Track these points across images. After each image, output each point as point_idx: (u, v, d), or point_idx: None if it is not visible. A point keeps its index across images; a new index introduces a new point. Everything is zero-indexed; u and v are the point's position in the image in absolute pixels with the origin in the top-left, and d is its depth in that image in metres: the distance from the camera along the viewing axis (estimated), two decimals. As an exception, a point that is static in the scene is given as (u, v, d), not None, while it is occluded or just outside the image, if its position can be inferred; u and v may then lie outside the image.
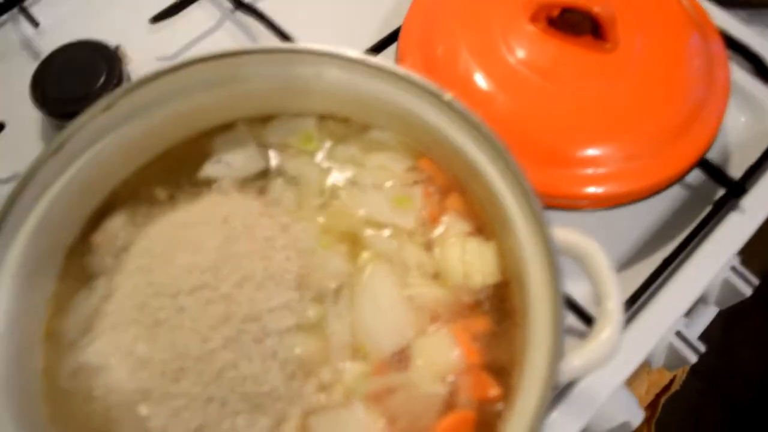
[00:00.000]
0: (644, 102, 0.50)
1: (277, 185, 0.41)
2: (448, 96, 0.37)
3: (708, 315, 0.69)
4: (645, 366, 0.63)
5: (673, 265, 0.50)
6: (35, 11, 0.62)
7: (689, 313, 0.69)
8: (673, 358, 0.58)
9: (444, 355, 0.36)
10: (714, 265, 0.51)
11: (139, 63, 0.59)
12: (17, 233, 0.36)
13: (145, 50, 0.59)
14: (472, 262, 0.38)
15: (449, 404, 0.35)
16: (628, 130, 0.49)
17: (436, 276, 0.38)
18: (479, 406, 0.35)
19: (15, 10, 0.63)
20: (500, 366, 0.36)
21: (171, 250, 0.39)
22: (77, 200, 0.39)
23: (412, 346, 0.36)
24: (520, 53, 0.51)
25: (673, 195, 0.55)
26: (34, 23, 0.61)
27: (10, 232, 0.35)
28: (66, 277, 0.39)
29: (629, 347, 0.48)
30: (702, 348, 0.57)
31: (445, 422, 0.35)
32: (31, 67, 0.56)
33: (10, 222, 0.35)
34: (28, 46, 0.62)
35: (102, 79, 0.56)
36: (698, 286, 0.51)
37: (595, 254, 0.35)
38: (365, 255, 0.39)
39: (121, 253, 0.39)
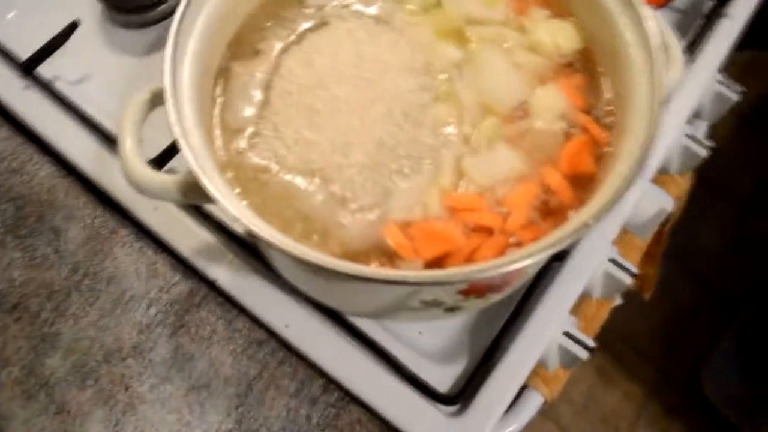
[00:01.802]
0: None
1: (383, 5, 0.48)
2: None
3: (702, 129, 0.80)
4: (663, 171, 0.74)
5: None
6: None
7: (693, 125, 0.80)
8: (687, 159, 0.69)
9: (556, 101, 0.44)
10: (715, 65, 0.62)
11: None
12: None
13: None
14: (558, 34, 0.46)
15: (568, 136, 0.43)
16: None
17: (533, 48, 0.46)
18: (593, 134, 0.43)
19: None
20: (600, 104, 0.45)
21: (312, 59, 0.45)
22: (220, 28, 0.44)
23: (529, 99, 0.44)
24: None
25: (670, 17, 0.65)
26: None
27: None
28: (220, 92, 0.45)
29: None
30: (710, 144, 0.68)
31: (569, 146, 0.43)
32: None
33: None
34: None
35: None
36: (704, 86, 0.62)
37: (653, 15, 0.44)
38: (473, 42, 0.46)
39: (269, 71, 0.45)
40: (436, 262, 0.39)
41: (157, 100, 0.40)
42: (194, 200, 0.41)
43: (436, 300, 0.41)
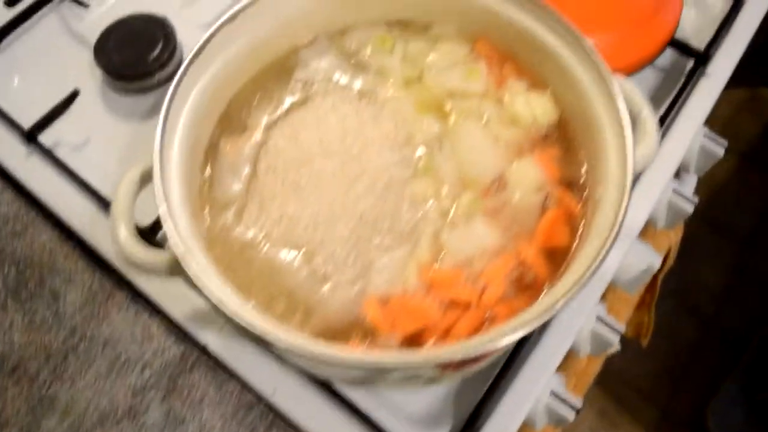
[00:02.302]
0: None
1: (366, 79, 0.50)
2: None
3: (691, 183, 0.81)
4: (650, 225, 0.75)
5: (664, 128, 0.62)
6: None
7: (680, 180, 0.81)
8: (674, 215, 0.70)
9: (533, 174, 0.46)
10: (695, 123, 0.64)
11: (183, 31, 0.66)
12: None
13: (183, 23, 0.67)
14: (535, 106, 0.48)
15: (545, 209, 0.45)
16: (608, 19, 0.62)
17: (511, 121, 0.48)
18: (568, 207, 0.45)
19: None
20: (576, 176, 0.46)
21: (297, 133, 0.47)
22: (209, 106, 0.47)
23: (506, 172, 0.46)
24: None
25: (652, 75, 0.67)
26: (83, 4, 0.68)
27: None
28: (208, 168, 0.46)
29: (638, 202, 0.60)
30: (695, 200, 0.69)
31: (544, 220, 0.44)
32: (85, 44, 0.63)
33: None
34: (77, 27, 0.68)
35: (160, 45, 0.63)
36: (686, 142, 0.63)
37: (625, 83, 0.46)
38: (453, 115, 0.48)
39: (255, 146, 0.47)
40: (414, 337, 0.41)
41: (147, 177, 0.42)
42: (182, 275, 0.42)
43: (414, 375, 0.42)
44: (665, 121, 0.63)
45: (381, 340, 0.40)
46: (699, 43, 0.68)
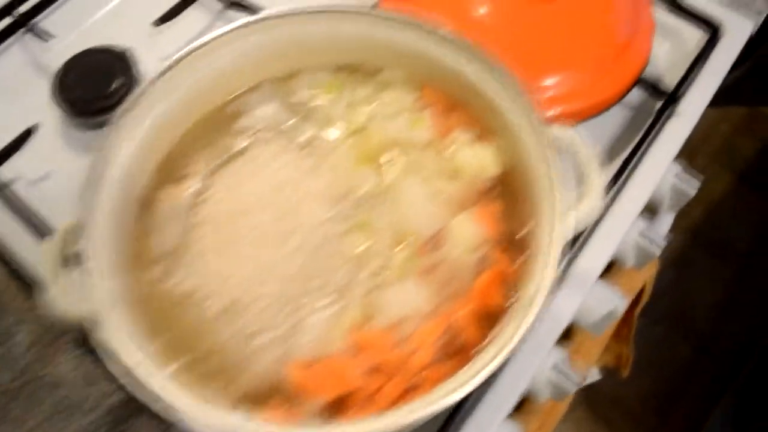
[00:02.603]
0: (586, 35, 0.61)
1: (309, 127, 0.49)
2: (445, 30, 0.47)
3: (665, 224, 0.80)
4: (615, 269, 0.74)
5: (631, 168, 0.61)
6: (46, 25, 0.69)
7: (651, 219, 0.80)
8: (641, 256, 0.69)
9: (471, 232, 0.44)
10: (663, 164, 0.62)
11: (146, 64, 0.66)
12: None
13: (149, 53, 0.66)
14: (479, 159, 0.47)
15: (481, 268, 0.44)
16: (575, 58, 0.60)
17: (454, 173, 0.47)
18: (503, 268, 0.44)
19: (24, 29, 0.69)
20: (515, 236, 0.45)
21: (235, 184, 0.46)
22: (146, 155, 0.46)
23: (444, 229, 0.45)
24: (483, 8, 0.61)
25: (621, 114, 0.66)
26: (45, 38, 0.67)
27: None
28: (142, 219, 0.46)
29: (604, 238, 0.58)
30: (663, 243, 0.68)
31: (479, 281, 0.43)
32: (47, 77, 0.62)
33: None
34: (40, 59, 0.68)
35: (119, 78, 0.63)
36: (653, 183, 0.61)
37: (574, 138, 0.45)
38: (395, 166, 0.47)
39: (192, 197, 0.46)
40: (338, 402, 0.40)
41: (76, 233, 0.42)
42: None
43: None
44: (631, 161, 0.61)
45: (304, 405, 0.40)
46: (673, 77, 0.66)
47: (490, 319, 0.42)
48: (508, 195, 0.46)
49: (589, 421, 1.34)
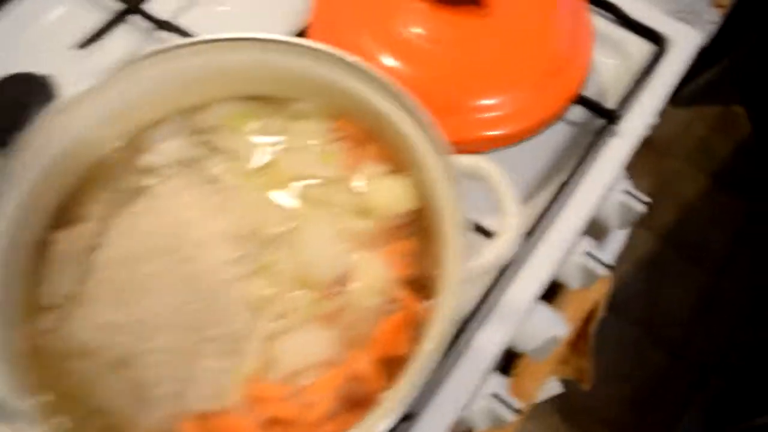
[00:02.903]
0: (523, 53, 0.58)
1: (215, 163, 0.47)
2: (355, 60, 0.44)
3: (617, 242, 0.78)
4: (563, 291, 0.72)
5: (569, 189, 0.59)
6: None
7: (599, 239, 0.78)
8: (587, 277, 0.67)
9: (377, 273, 0.42)
10: (602, 184, 0.60)
11: (68, 89, 0.63)
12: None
13: (72, 78, 0.64)
14: (391, 195, 0.45)
15: (386, 312, 0.42)
16: (510, 78, 0.57)
17: (363, 211, 0.45)
18: (410, 311, 0.42)
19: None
20: (426, 276, 0.43)
21: (134, 226, 0.44)
22: (43, 193, 0.44)
23: (350, 271, 0.43)
24: (415, 28, 0.59)
25: (562, 132, 0.63)
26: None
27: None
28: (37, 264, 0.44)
29: (539, 263, 0.56)
30: (611, 263, 0.66)
31: (383, 326, 0.41)
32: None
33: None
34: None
35: (40, 107, 0.60)
36: (591, 204, 0.59)
37: (492, 170, 0.43)
38: (303, 204, 0.45)
39: (88, 240, 0.44)
40: (232, 460, 0.38)
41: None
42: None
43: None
44: (569, 183, 0.59)
45: (195, 464, 0.38)
46: (617, 93, 0.64)
47: (395, 365, 0.40)
48: (422, 233, 0.44)
49: (563, 428, 1.32)
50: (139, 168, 0.47)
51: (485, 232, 0.54)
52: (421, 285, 0.42)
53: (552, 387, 1.07)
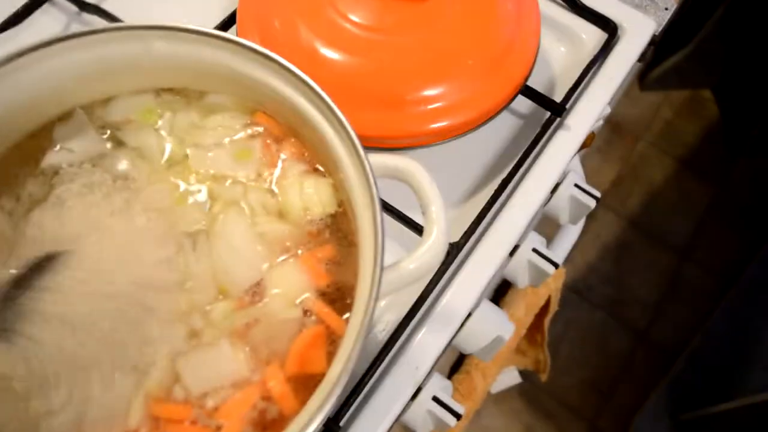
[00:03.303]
0: (463, 41, 0.55)
1: (123, 160, 0.43)
2: (272, 55, 0.41)
3: (570, 236, 0.76)
4: (514, 287, 0.70)
5: (512, 184, 0.56)
6: None
7: (551, 236, 0.76)
8: (536, 274, 0.65)
9: (294, 282, 0.40)
10: (549, 178, 0.58)
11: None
12: None
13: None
14: (310, 196, 0.42)
15: (303, 325, 0.39)
16: (453, 67, 0.54)
17: (281, 213, 0.42)
18: (328, 325, 0.39)
19: None
20: (349, 287, 0.40)
21: (38, 234, 0.41)
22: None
23: (265, 278, 0.40)
24: (350, 15, 0.55)
25: (508, 124, 0.61)
26: None
27: None
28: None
29: (481, 262, 0.54)
30: (559, 261, 0.64)
31: (298, 341, 0.38)
32: None
33: None
34: None
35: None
36: (537, 200, 0.57)
37: (415, 171, 0.40)
38: (216, 205, 0.42)
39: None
40: (132, 486, 0.35)
41: None
42: None
43: None
44: (512, 179, 0.56)
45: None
46: (567, 82, 0.61)
47: (311, 384, 0.37)
48: (342, 238, 0.41)
49: (526, 412, 1.32)
50: (43, 168, 0.43)
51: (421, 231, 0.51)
52: (341, 295, 0.40)
53: (510, 378, 1.07)
